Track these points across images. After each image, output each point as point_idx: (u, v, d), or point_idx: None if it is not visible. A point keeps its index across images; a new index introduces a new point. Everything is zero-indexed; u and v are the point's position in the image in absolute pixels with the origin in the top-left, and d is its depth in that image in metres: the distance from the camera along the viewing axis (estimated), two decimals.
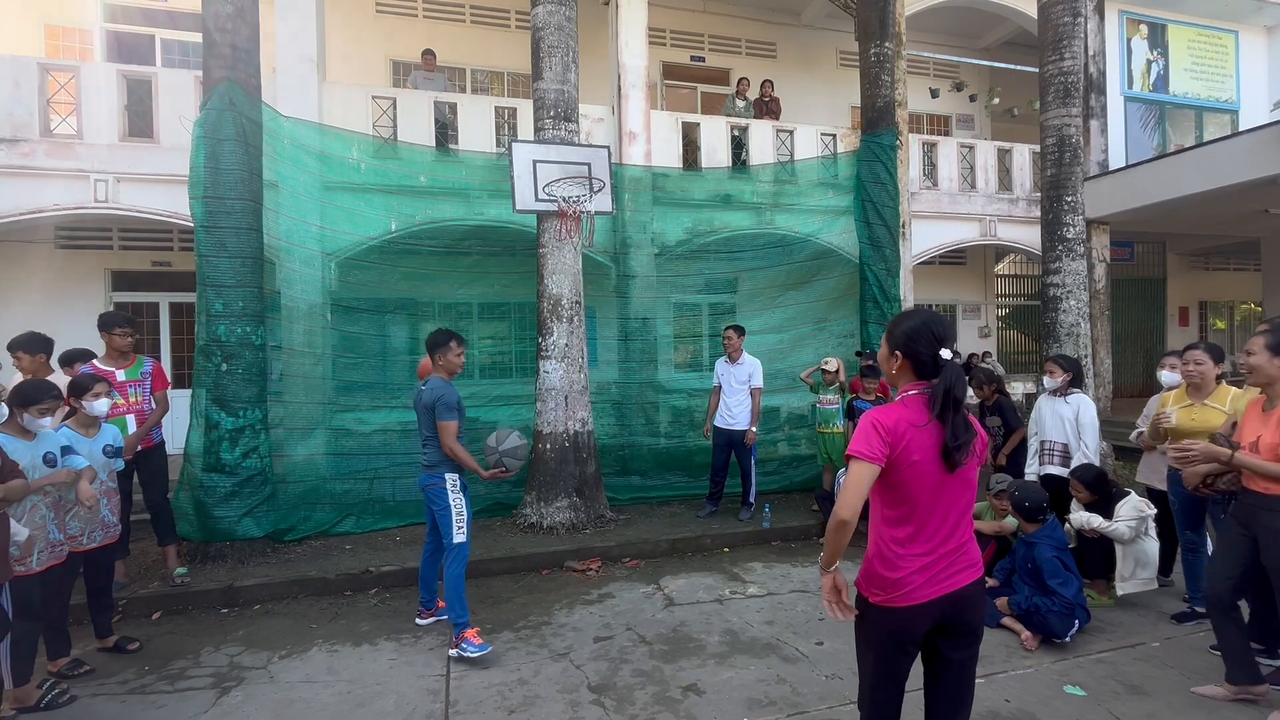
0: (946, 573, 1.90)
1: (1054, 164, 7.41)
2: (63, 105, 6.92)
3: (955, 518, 1.92)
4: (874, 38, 7.54)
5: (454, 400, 3.66)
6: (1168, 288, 13.89)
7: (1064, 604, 3.66)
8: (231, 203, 5.01)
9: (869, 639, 1.99)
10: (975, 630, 1.98)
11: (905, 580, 1.87)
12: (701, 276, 8.26)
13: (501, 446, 3.71)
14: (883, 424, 1.86)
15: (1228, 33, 11.97)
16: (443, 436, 3.62)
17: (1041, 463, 4.83)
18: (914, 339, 1.92)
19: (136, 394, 4.42)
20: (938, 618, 1.91)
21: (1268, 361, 2.87)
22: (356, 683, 3.36)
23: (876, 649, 1.97)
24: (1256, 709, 2.97)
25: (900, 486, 1.87)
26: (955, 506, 1.92)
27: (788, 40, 11.92)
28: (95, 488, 3.48)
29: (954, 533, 1.92)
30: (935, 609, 1.89)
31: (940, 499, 1.89)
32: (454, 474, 3.70)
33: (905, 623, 1.90)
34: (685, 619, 4.10)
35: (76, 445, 3.44)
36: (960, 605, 1.92)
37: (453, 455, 3.65)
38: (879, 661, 1.97)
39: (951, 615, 1.92)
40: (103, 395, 3.60)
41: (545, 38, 5.92)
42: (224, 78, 5.03)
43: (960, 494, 1.93)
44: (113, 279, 8.34)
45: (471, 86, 10.56)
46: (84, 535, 3.47)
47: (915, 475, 1.85)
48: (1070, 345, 7.16)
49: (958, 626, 1.94)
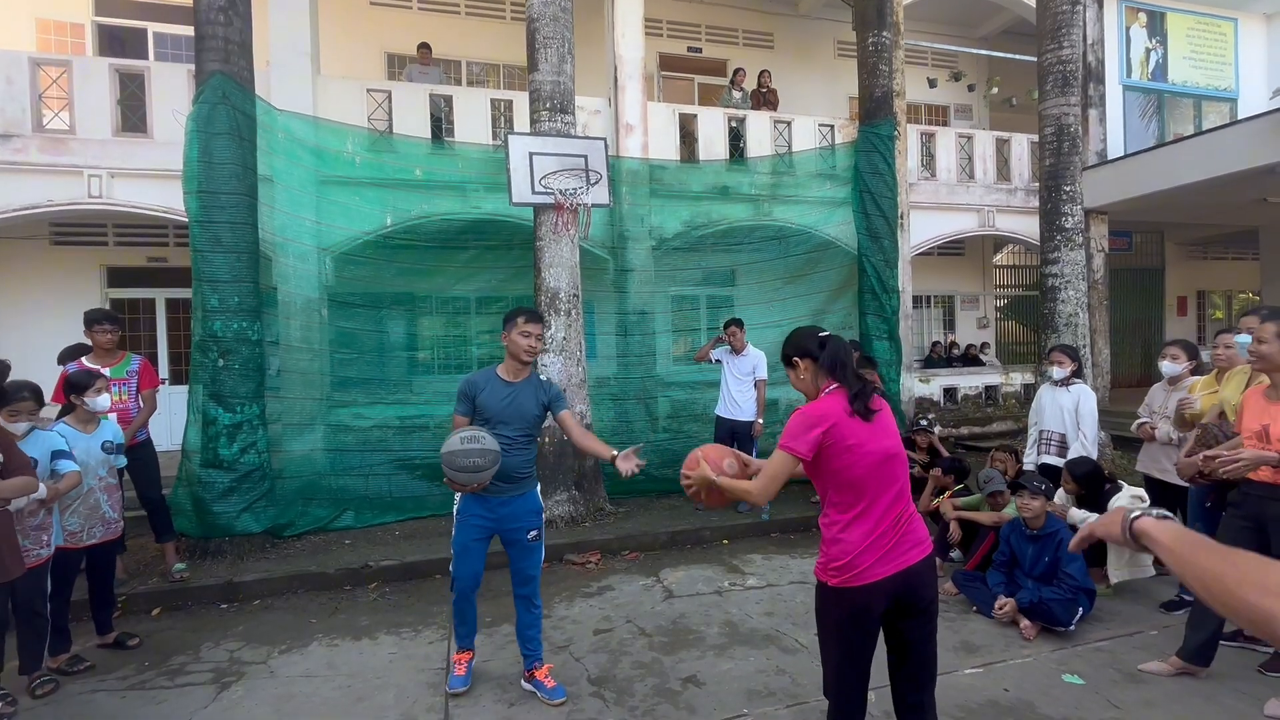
0: (896, 550, 2.02)
1: (1052, 154, 7.37)
2: (55, 100, 6.87)
3: (895, 494, 2.06)
4: (872, 27, 7.49)
5: (461, 387, 3.05)
6: (1166, 277, 13.88)
7: (1071, 589, 3.64)
8: (226, 197, 4.98)
9: (830, 624, 2.10)
10: (929, 607, 2.10)
11: (857, 560, 2.00)
12: (699, 269, 8.23)
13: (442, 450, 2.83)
14: (810, 415, 2.04)
15: (1227, 20, 11.91)
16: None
17: (1039, 452, 4.84)
18: (799, 341, 2.17)
19: (121, 392, 4.38)
20: (893, 596, 2.02)
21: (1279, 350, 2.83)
22: (356, 677, 3.37)
23: (838, 632, 2.08)
24: (1251, 697, 2.98)
25: (842, 471, 2.02)
26: (894, 484, 2.06)
27: (785, 30, 11.86)
28: (93, 483, 3.49)
29: (895, 509, 2.05)
30: (889, 586, 2.01)
31: (880, 478, 2.03)
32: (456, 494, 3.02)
33: (861, 602, 2.01)
34: (685, 611, 4.11)
35: (74, 442, 3.43)
36: (911, 582, 2.03)
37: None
38: (842, 645, 2.07)
39: (904, 594, 2.03)
40: (104, 390, 3.60)
41: (541, 29, 5.88)
42: (217, 71, 4.99)
43: (897, 471, 2.08)
44: (108, 275, 8.31)
45: (467, 79, 10.50)
46: (83, 531, 3.48)
47: (854, 458, 2.00)
48: (1069, 335, 7.15)
49: (913, 605, 2.06)
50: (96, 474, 3.54)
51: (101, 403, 3.59)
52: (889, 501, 2.04)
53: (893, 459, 2.07)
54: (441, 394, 7.27)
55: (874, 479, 2.02)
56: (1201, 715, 2.89)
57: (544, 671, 3.15)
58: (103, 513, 3.56)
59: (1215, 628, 3.08)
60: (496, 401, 3.01)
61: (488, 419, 3.00)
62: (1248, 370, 3.48)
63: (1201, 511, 3.82)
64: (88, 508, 3.50)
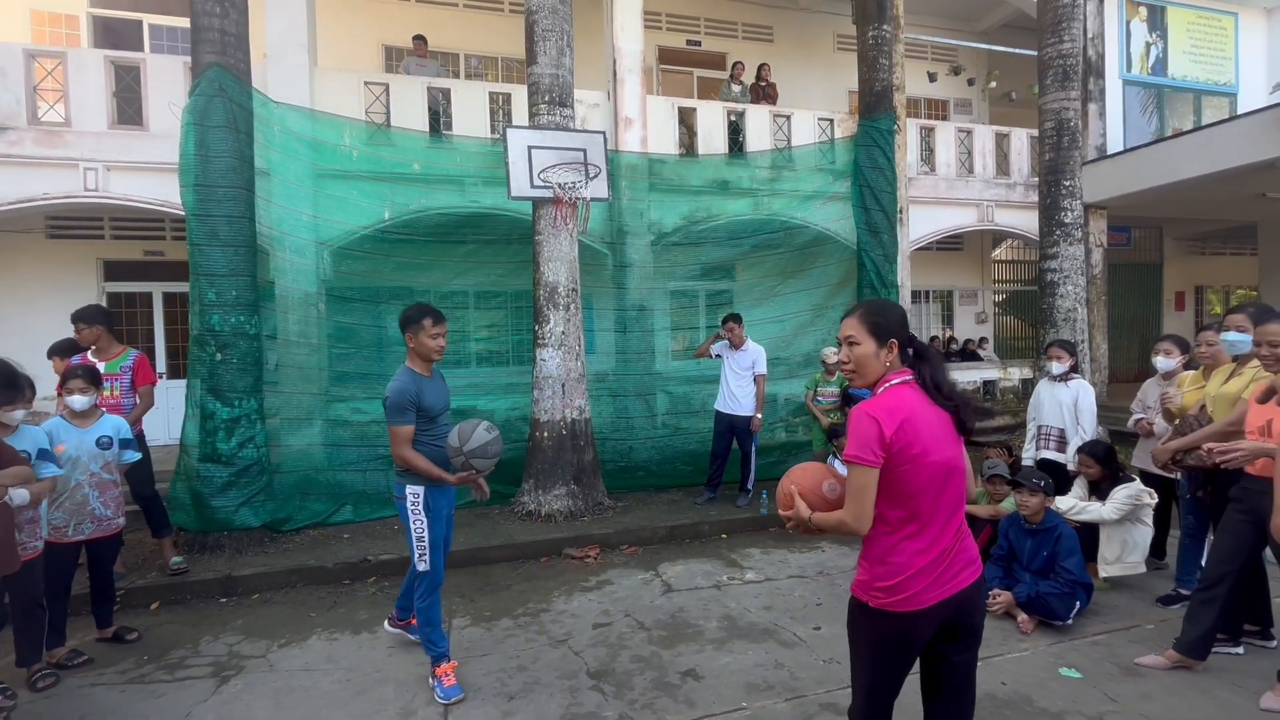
0: (949, 573, 1.82)
1: (1052, 148, 7.37)
2: (50, 93, 6.82)
3: (952, 511, 1.85)
4: (872, 20, 7.46)
5: (404, 400, 3.00)
6: (1164, 273, 13.89)
7: (1068, 583, 3.66)
8: (223, 190, 4.96)
9: (868, 646, 1.90)
10: (977, 631, 1.92)
11: (907, 583, 1.78)
12: (698, 264, 8.22)
13: (466, 446, 2.98)
14: (877, 418, 1.76)
15: (1227, 15, 11.87)
16: (391, 444, 3.03)
17: (1038, 447, 4.84)
18: (905, 322, 1.90)
19: (114, 387, 4.36)
20: (941, 621, 1.83)
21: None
22: (356, 670, 3.37)
23: (876, 657, 1.89)
24: (1246, 690, 3.00)
25: (901, 483, 1.77)
26: (953, 500, 1.85)
27: (785, 24, 11.80)
28: (82, 479, 3.43)
29: (952, 528, 1.85)
30: (939, 613, 1.81)
31: (941, 492, 1.81)
32: (417, 487, 3.08)
33: (908, 628, 1.81)
34: (683, 605, 4.12)
35: (65, 436, 3.40)
36: (963, 607, 1.84)
37: (406, 465, 3.05)
38: (878, 669, 1.89)
39: (954, 618, 1.84)
40: (76, 391, 3.48)
41: (539, 21, 5.85)
42: (213, 63, 4.95)
43: (959, 485, 1.86)
44: (105, 269, 8.28)
45: (465, 72, 10.44)
46: (69, 526, 3.42)
47: (916, 470, 1.76)
48: (1067, 330, 7.16)
49: (961, 629, 1.87)
50: (88, 469, 3.47)
51: (74, 402, 3.47)
52: (946, 517, 1.82)
53: (954, 471, 1.83)
54: None
55: (933, 491, 1.79)
56: (1197, 708, 2.91)
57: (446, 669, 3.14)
58: (91, 509, 3.46)
59: (1212, 622, 3.10)
60: (436, 397, 3.16)
61: (433, 416, 3.12)
62: (1231, 367, 3.51)
63: (1191, 503, 3.86)
64: (74, 503, 3.42)
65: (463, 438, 3.01)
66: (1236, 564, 3.04)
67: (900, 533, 1.80)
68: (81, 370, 3.62)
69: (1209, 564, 3.20)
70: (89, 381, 3.55)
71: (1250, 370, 3.31)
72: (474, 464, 3.02)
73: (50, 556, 3.28)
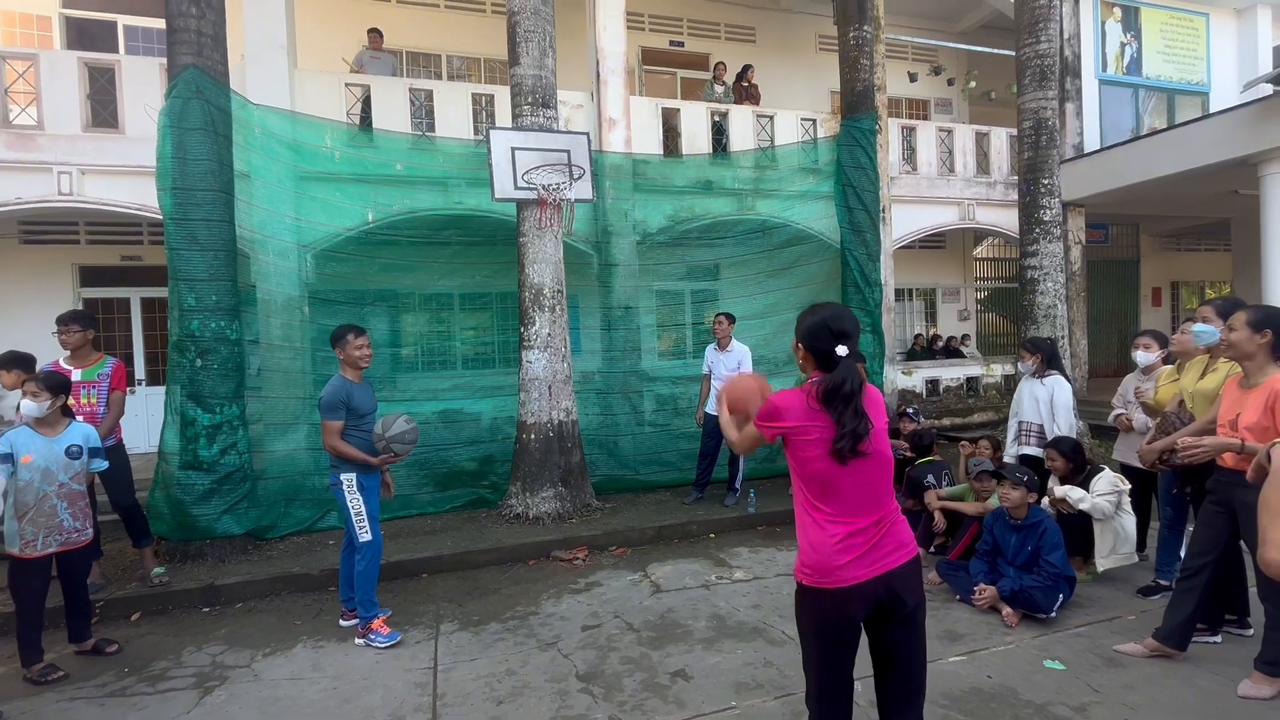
0: (876, 553, 1.90)
1: (1031, 147, 7.47)
2: (22, 95, 6.69)
3: (873, 494, 1.94)
4: (853, 21, 7.51)
5: (336, 400, 3.62)
6: (1141, 269, 14.16)
7: (1051, 576, 3.71)
8: (201, 194, 4.88)
9: (807, 626, 1.99)
10: (914, 614, 1.96)
11: (830, 559, 1.89)
12: (684, 264, 8.23)
13: (388, 433, 3.65)
14: (777, 405, 1.97)
15: (1199, 15, 12.12)
16: (323, 436, 3.65)
17: (1020, 444, 4.92)
18: (814, 334, 1.99)
19: (90, 395, 4.27)
20: (873, 601, 1.90)
21: (1248, 338, 2.87)
22: (343, 678, 3.34)
23: (814, 637, 1.97)
24: (1224, 678, 3.06)
25: (807, 464, 1.92)
26: (871, 483, 1.94)
27: (767, 24, 11.86)
28: (49, 490, 3.33)
29: (873, 509, 1.93)
30: (868, 591, 1.89)
31: (853, 476, 1.90)
32: (350, 473, 3.67)
33: (837, 606, 1.90)
34: (672, 605, 4.12)
35: (32, 445, 3.30)
36: (894, 587, 1.91)
37: (336, 454, 3.65)
38: (819, 650, 1.97)
39: (887, 599, 1.91)
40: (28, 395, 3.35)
41: (521, 22, 5.83)
42: (190, 65, 4.88)
43: (876, 470, 1.95)
44: (81, 274, 8.13)
45: (448, 73, 10.38)
46: (38, 540, 3.30)
47: (818, 452, 1.90)
48: (1047, 326, 7.26)
49: (896, 611, 1.93)
50: (57, 480, 3.36)
51: (28, 408, 3.34)
52: (864, 500, 1.92)
53: (874, 456, 1.92)
54: (425, 391, 7.21)
55: (848, 474, 1.89)
56: (1178, 697, 2.96)
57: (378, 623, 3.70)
58: (59, 520, 3.35)
59: (1191, 612, 3.15)
60: (364, 399, 3.77)
61: (362, 415, 3.74)
62: (1205, 359, 3.57)
63: (1171, 496, 3.92)
64: (43, 515, 3.31)
65: (385, 426, 3.67)
66: (1214, 554, 3.10)
67: (818, 512, 1.94)
68: (42, 375, 3.49)
69: (1188, 555, 3.26)
70: (43, 387, 3.39)
71: (1224, 365, 3.37)
72: (394, 448, 3.68)
73: (18, 570, 3.18)
